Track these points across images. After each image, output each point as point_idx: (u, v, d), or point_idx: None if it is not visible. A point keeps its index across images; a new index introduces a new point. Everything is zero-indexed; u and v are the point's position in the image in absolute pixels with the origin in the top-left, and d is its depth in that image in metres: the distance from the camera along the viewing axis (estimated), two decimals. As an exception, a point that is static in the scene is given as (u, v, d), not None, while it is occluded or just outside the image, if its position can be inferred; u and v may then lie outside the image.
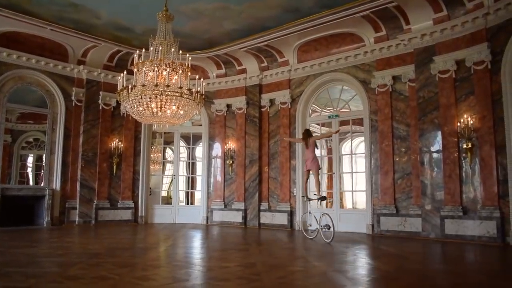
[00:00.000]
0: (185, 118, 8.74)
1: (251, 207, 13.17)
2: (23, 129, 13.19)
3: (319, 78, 12.52)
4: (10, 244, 8.35)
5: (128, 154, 13.72)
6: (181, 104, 8.18)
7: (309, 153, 9.99)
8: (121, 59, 13.67)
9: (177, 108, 8.18)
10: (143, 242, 9.39)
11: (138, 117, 8.58)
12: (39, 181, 13.08)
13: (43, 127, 13.02)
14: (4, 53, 11.86)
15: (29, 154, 13.50)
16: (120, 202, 13.51)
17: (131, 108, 8.25)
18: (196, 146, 15.99)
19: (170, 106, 8.09)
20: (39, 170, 13.42)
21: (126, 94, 8.16)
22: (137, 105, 8.07)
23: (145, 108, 8.07)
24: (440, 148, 10.03)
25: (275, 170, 13.05)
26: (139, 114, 8.34)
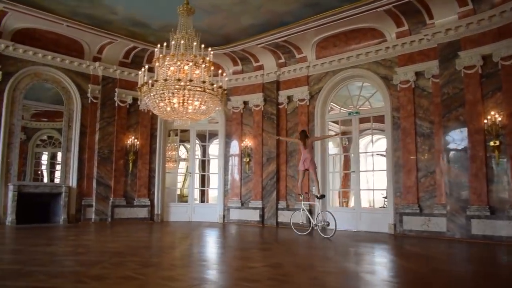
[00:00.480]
0: (207, 114, 8.54)
1: (269, 206, 12.94)
2: (37, 127, 13.06)
3: (339, 75, 12.25)
4: (28, 241, 8.20)
5: (144, 152, 13.56)
6: (204, 99, 7.97)
7: (306, 153, 10.42)
8: (136, 55, 13.51)
9: (199, 104, 7.97)
10: (162, 240, 9.21)
11: (159, 113, 8.41)
12: (54, 178, 13.01)
13: (57, 125, 12.91)
14: (20, 50, 11.74)
15: (43, 151, 13.39)
16: (136, 200, 13.36)
17: (152, 104, 8.06)
18: (209, 143, 15.74)
19: (192, 102, 7.89)
20: (53, 168, 13.35)
21: (147, 89, 7.96)
22: (158, 101, 7.87)
23: (166, 103, 7.87)
24: (466, 146, 9.73)
25: (293, 168, 12.81)
26: (160, 110, 8.15)
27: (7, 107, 11.60)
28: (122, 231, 10.55)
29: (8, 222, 11.27)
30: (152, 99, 7.97)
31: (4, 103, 11.54)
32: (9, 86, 11.63)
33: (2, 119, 11.49)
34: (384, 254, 7.71)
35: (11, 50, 11.62)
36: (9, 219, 11.29)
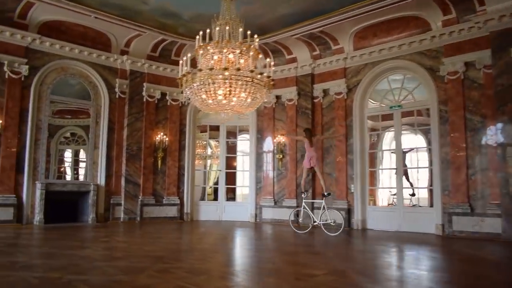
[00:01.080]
0: (253, 106, 7.91)
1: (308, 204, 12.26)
2: (61, 124, 12.57)
3: (379, 66, 11.53)
4: (60, 244, 7.69)
5: (173, 148, 13.01)
6: (251, 90, 7.33)
7: (312, 151, 10.54)
8: (165, 48, 12.94)
9: (246, 95, 7.34)
10: (201, 242, 8.62)
11: (202, 106, 7.79)
12: (78, 176, 12.56)
13: (81, 122, 12.46)
14: (47, 43, 11.25)
15: (66, 149, 12.92)
16: (166, 198, 12.82)
17: (194, 96, 7.46)
18: (237, 140, 15.10)
19: (239, 93, 7.26)
20: (77, 165, 12.89)
21: (190, 79, 7.35)
22: (201, 92, 7.24)
23: (210, 95, 7.25)
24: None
25: (330, 165, 12.14)
26: (204, 103, 7.54)
27: (34, 103, 11.14)
28: (154, 231, 10.01)
29: (36, 222, 10.82)
30: (195, 90, 7.35)
31: (31, 98, 11.08)
32: (36, 80, 11.16)
33: (29, 115, 11.03)
34: (446, 258, 7.02)
35: (37, 44, 11.15)
36: (37, 218, 10.84)
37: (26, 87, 11.02)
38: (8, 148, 10.66)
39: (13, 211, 10.54)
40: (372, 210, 11.64)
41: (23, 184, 10.87)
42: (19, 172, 10.82)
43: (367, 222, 11.55)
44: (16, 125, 10.82)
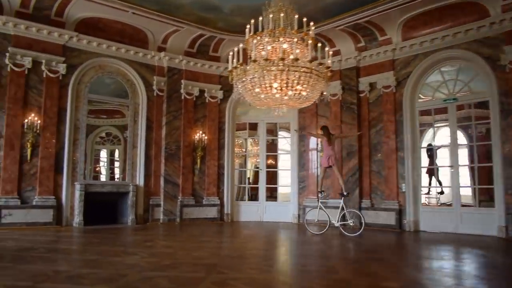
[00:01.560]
0: (310, 100, 7.24)
1: (350, 205, 11.52)
2: (96, 124, 12.19)
3: (431, 57, 10.68)
4: (104, 249, 7.22)
5: (213, 147, 12.47)
6: (310, 82, 6.67)
7: (330, 150, 10.14)
8: (202, 44, 12.41)
9: (304, 88, 6.68)
10: (250, 247, 8.04)
11: (254, 101, 7.17)
12: (114, 176, 12.22)
13: (116, 122, 12.08)
14: (84, 41, 10.87)
15: (102, 148, 12.55)
16: (205, 198, 12.30)
17: (245, 90, 6.84)
18: (277, 137, 14.46)
19: (301, 85, 6.60)
20: (112, 165, 12.51)
21: (242, 72, 6.74)
22: (255, 85, 6.62)
23: (264, 88, 6.61)
24: None
25: (378, 163, 11.37)
26: (255, 98, 6.92)
27: (72, 102, 10.78)
28: (197, 234, 9.48)
29: (75, 224, 10.45)
30: (247, 84, 6.72)
31: (69, 97, 10.72)
32: (73, 79, 10.80)
33: (67, 115, 10.68)
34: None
35: (74, 41, 10.78)
36: (76, 220, 10.47)
37: (63, 86, 10.67)
38: (47, 148, 10.33)
39: (52, 213, 10.20)
40: (425, 211, 10.81)
41: (62, 185, 10.53)
42: (58, 173, 10.48)
43: (419, 223, 10.73)
44: (55, 125, 10.48)
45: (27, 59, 10.12)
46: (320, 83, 6.95)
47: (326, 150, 10.28)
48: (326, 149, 10.29)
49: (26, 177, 10.09)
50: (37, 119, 10.19)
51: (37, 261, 5.96)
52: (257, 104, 7.46)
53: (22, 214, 9.87)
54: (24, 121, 10.04)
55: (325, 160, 10.20)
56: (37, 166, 10.20)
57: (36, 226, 9.90)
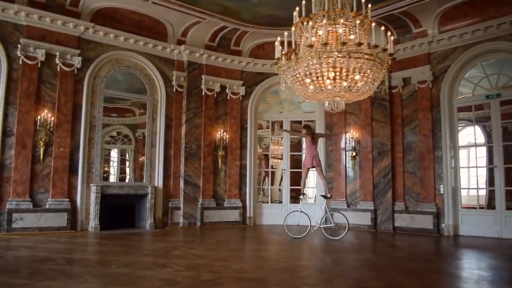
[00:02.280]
0: (368, 91, 6.33)
1: (382, 208, 10.67)
2: (106, 123, 11.30)
3: (472, 50, 9.79)
4: (129, 260, 6.33)
5: (234, 147, 11.58)
6: (371, 71, 5.78)
7: (314, 150, 9.44)
8: (224, 38, 11.51)
9: (362, 77, 5.79)
10: (292, 256, 7.13)
11: (304, 94, 6.26)
12: (124, 177, 11.40)
13: (126, 121, 11.23)
14: (100, 32, 9.98)
15: (112, 148, 11.65)
16: (227, 201, 11.40)
17: (294, 81, 5.93)
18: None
19: (355, 74, 5.71)
20: (123, 165, 11.64)
21: (293, 60, 5.82)
22: (315, 72, 5.68)
23: (316, 78, 5.69)
24: None
25: (413, 163, 10.48)
26: (306, 90, 6.00)
27: (88, 98, 9.89)
28: (225, 240, 8.59)
29: (91, 228, 9.56)
30: (298, 73, 5.81)
31: (84, 93, 9.83)
32: (89, 73, 9.91)
33: (82, 111, 9.79)
34: None
35: (90, 33, 9.89)
36: (92, 224, 9.58)
37: (78, 81, 9.78)
38: (61, 147, 9.43)
39: (66, 217, 9.31)
40: (465, 214, 9.91)
41: (77, 187, 9.64)
42: (72, 174, 9.58)
43: (459, 227, 9.85)
44: (69, 123, 9.58)
45: (40, 51, 9.22)
46: (381, 73, 6.05)
47: (309, 150, 9.48)
48: (309, 149, 9.49)
49: (39, 178, 9.20)
50: (51, 115, 9.30)
51: (58, 276, 5.06)
52: (307, 97, 6.52)
53: (34, 218, 8.98)
54: (36, 118, 9.15)
55: (309, 161, 9.37)
56: (50, 166, 9.31)
57: (49, 231, 9.02)
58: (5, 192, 8.80)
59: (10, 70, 8.99)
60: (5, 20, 8.99)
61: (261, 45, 11.94)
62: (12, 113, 8.96)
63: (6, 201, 8.75)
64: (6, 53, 8.93)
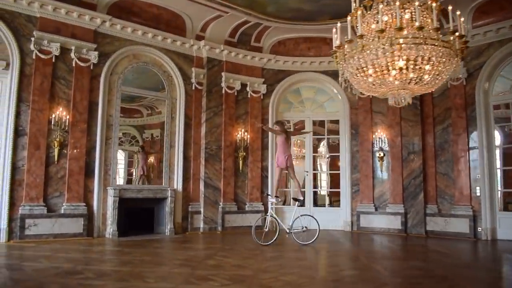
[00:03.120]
0: (438, 83, 5.62)
1: (413, 211, 9.97)
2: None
3: (509, 46, 9.16)
4: (164, 272, 5.56)
5: (255, 147, 10.83)
6: (446, 59, 5.07)
7: (287, 149, 8.41)
8: (244, 33, 10.77)
9: (434, 67, 5.08)
10: (334, 263, 6.41)
11: (363, 87, 5.53)
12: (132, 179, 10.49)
13: (134, 122, 10.44)
14: (118, 26, 9.21)
15: (119, 149, 10.82)
16: (248, 204, 10.65)
17: (357, 72, 5.20)
18: (325, 136, 12.76)
19: (426, 64, 5.00)
20: (130, 167, 10.80)
21: (360, 46, 5.08)
22: (384, 61, 4.96)
23: (381, 69, 4.96)
24: None
25: (446, 163, 9.81)
26: (366, 83, 5.28)
27: (104, 95, 9.11)
28: (254, 247, 7.82)
29: (108, 234, 8.76)
30: (366, 62, 5.06)
31: (101, 90, 9.05)
32: (106, 69, 9.13)
33: (99, 110, 9.00)
34: None
35: (107, 26, 9.12)
36: (109, 230, 8.78)
37: (94, 77, 9.00)
38: (77, 148, 8.64)
39: (83, 222, 8.51)
40: (503, 217, 9.25)
41: (94, 190, 8.83)
42: (88, 176, 8.78)
43: (497, 230, 9.18)
44: (85, 121, 8.79)
45: (55, 45, 8.43)
46: (453, 62, 5.35)
47: (283, 149, 8.31)
48: (283, 148, 8.31)
49: (53, 181, 8.39)
50: (66, 114, 8.50)
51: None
52: (368, 91, 5.79)
53: (49, 224, 8.17)
54: (50, 116, 8.35)
55: (283, 160, 8.25)
56: (65, 168, 8.50)
57: (64, 238, 8.23)
58: (18, 196, 7.98)
59: (23, 64, 8.20)
60: (17, 11, 8.20)
61: (282, 42, 11.24)
62: (24, 111, 8.16)
63: (19, 206, 7.94)
64: (18, 46, 8.13)
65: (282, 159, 8.27)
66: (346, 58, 5.22)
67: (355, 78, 5.35)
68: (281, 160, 8.29)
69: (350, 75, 5.37)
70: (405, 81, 5.17)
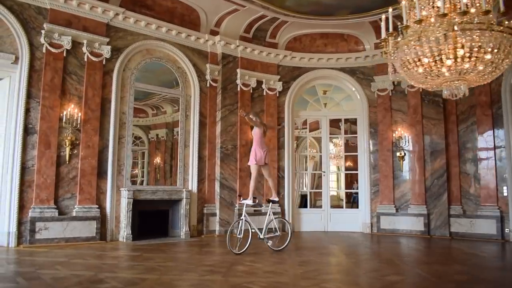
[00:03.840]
0: (496, 73, 5.16)
1: (437, 212, 9.54)
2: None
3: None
4: (194, 280, 5.05)
5: (271, 147, 10.30)
6: (502, 47, 4.63)
7: (264, 144, 7.41)
8: (260, 29, 10.29)
9: (494, 55, 4.62)
10: (372, 268, 5.93)
11: (418, 78, 5.04)
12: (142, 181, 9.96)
13: (140, 122, 9.79)
14: (131, 19, 8.69)
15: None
16: (264, 206, 10.10)
17: (408, 62, 4.72)
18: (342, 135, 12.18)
19: (485, 53, 4.53)
20: (133, 168, 10.28)
21: (417, 33, 4.59)
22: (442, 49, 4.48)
23: (434, 59, 4.50)
24: None
25: (470, 163, 9.40)
26: (417, 74, 4.80)
27: (117, 92, 8.58)
28: (285, 252, 7.32)
29: (122, 238, 8.23)
30: (422, 51, 4.57)
31: (113, 86, 8.53)
32: (118, 64, 8.61)
33: (111, 107, 8.47)
34: None
35: (120, 20, 8.60)
36: (123, 234, 8.25)
37: (107, 73, 8.47)
38: (89, 147, 8.09)
39: (95, 226, 7.97)
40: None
41: (106, 192, 8.29)
42: (100, 177, 8.24)
43: (525, 232, 8.78)
44: (97, 119, 8.25)
45: (66, 38, 7.90)
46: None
47: (262, 143, 7.31)
48: (262, 142, 7.31)
49: (64, 182, 7.84)
50: (77, 111, 7.96)
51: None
52: (417, 83, 5.29)
53: (60, 228, 7.62)
54: (61, 113, 7.80)
55: (262, 156, 7.25)
56: (77, 168, 7.96)
57: (76, 242, 7.69)
58: (27, 198, 7.43)
59: (32, 59, 7.64)
60: (27, 3, 7.65)
61: (298, 38, 10.78)
62: (34, 107, 7.61)
63: (28, 208, 7.39)
64: (28, 40, 7.58)
65: (261, 154, 7.24)
66: (400, 46, 4.74)
67: (407, 69, 4.87)
68: (260, 156, 7.24)
69: (402, 65, 4.89)
70: (460, 71, 4.70)
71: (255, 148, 7.31)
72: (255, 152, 7.28)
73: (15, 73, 7.54)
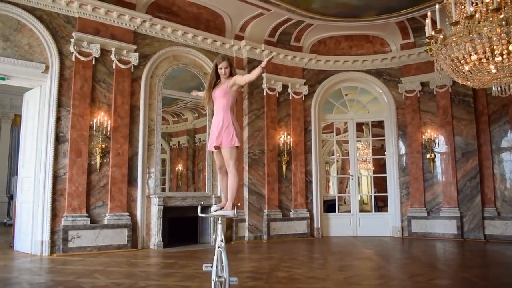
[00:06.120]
0: None
1: (470, 214, 9.30)
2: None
3: None
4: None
5: (299, 151, 10.19)
6: None
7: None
8: (284, 32, 10.20)
9: None
10: (417, 273, 5.74)
11: (459, 75, 4.88)
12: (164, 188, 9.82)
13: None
14: (158, 26, 8.66)
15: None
16: (293, 211, 9.99)
17: (454, 64, 4.57)
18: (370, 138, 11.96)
19: None
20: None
21: (467, 28, 4.44)
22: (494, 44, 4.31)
23: (485, 55, 4.34)
24: None
25: (504, 164, 9.15)
26: (464, 71, 4.64)
27: (146, 99, 8.53)
28: (316, 255, 7.18)
29: (153, 245, 8.14)
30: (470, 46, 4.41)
31: (142, 93, 8.47)
32: (146, 71, 8.56)
33: (140, 114, 8.41)
34: None
35: (147, 27, 8.56)
36: (154, 241, 8.16)
37: (135, 80, 8.43)
38: (119, 154, 8.04)
39: (127, 233, 7.89)
40: None
41: (137, 199, 8.22)
42: (130, 184, 8.17)
43: None
44: (127, 126, 8.20)
45: (95, 46, 7.88)
46: None
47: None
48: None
49: (95, 190, 7.78)
50: (107, 119, 7.93)
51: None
52: (463, 81, 5.11)
53: (92, 236, 7.55)
54: (91, 121, 7.77)
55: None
56: (108, 176, 7.90)
57: (108, 250, 7.61)
58: (60, 207, 7.38)
59: (62, 67, 7.63)
60: (56, 12, 7.65)
61: (323, 41, 10.66)
62: (65, 116, 7.58)
63: (61, 217, 7.34)
64: (57, 49, 7.57)
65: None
66: (448, 43, 4.59)
67: (455, 67, 4.71)
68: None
69: (450, 63, 4.72)
70: (507, 68, 4.52)
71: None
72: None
73: (46, 82, 7.54)
